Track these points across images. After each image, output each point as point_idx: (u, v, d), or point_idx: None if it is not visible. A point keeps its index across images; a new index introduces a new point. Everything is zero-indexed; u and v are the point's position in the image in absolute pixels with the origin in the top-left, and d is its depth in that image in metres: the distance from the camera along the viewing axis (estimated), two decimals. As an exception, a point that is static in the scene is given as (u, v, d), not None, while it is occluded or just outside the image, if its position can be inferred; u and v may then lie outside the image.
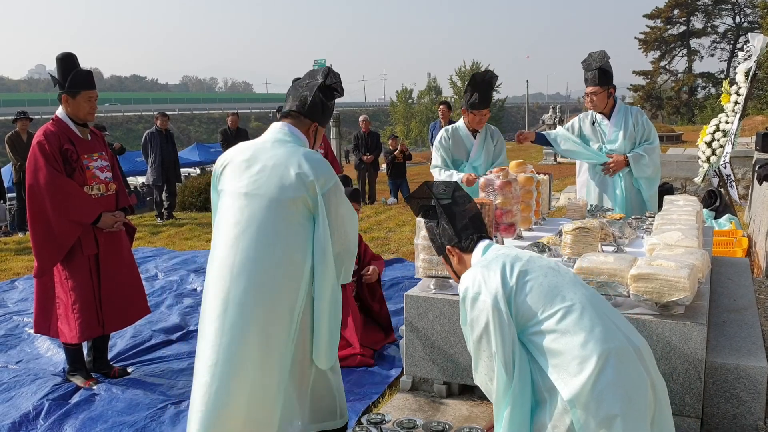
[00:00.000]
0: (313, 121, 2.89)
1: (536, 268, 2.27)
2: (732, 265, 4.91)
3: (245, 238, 2.72)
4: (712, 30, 45.94)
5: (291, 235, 2.71)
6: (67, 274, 4.11)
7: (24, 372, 4.48)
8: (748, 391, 3.14)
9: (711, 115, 16.34)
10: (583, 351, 2.10)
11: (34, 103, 52.87)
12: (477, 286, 2.27)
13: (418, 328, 3.76)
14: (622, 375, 2.10)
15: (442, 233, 2.58)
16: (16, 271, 7.65)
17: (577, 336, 2.13)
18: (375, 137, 13.03)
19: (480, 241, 2.52)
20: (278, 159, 2.74)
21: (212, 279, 2.80)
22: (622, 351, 2.13)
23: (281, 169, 2.71)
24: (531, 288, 2.21)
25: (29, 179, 4.03)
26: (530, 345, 2.22)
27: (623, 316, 2.37)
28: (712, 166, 7.97)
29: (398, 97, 60.34)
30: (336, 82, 2.91)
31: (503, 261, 2.28)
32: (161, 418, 3.80)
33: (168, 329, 5.31)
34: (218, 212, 2.90)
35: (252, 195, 2.73)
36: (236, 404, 2.72)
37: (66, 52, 4.15)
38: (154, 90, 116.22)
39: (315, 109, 2.88)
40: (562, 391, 2.12)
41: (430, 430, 3.05)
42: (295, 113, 2.88)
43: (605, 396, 2.07)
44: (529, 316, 2.21)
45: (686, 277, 3.05)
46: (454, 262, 2.58)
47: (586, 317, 2.15)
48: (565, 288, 2.22)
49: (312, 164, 2.72)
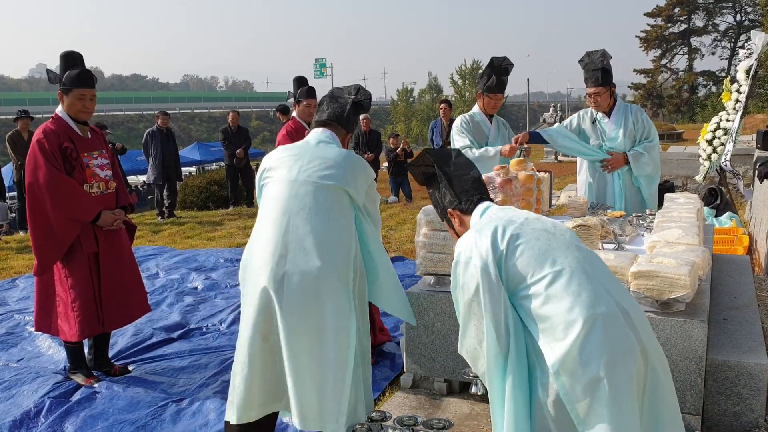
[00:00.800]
0: (347, 132, 3.18)
1: (529, 231, 2.26)
2: (733, 262, 4.91)
3: (297, 218, 2.82)
4: (713, 28, 45.93)
5: (339, 215, 2.87)
6: (67, 272, 4.11)
7: (25, 370, 4.49)
8: (748, 388, 3.14)
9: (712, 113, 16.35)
10: (569, 316, 2.08)
11: (35, 102, 52.86)
12: (469, 250, 2.27)
13: (418, 326, 3.76)
14: (608, 340, 2.07)
15: (443, 197, 2.62)
16: (17, 269, 7.66)
17: (563, 301, 2.11)
18: (376, 136, 13.03)
19: (480, 202, 2.53)
20: (326, 154, 2.96)
21: (259, 254, 2.84)
22: (610, 316, 2.10)
23: (329, 162, 2.92)
24: (522, 252, 2.19)
25: (29, 177, 4.03)
26: (520, 309, 2.21)
27: (617, 280, 2.33)
28: (713, 164, 7.97)
29: (399, 96, 60.34)
30: (365, 98, 3.17)
31: (495, 224, 2.28)
32: (162, 416, 3.81)
33: (169, 327, 5.32)
34: (265, 197, 2.98)
35: (301, 181, 2.88)
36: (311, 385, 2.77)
37: (71, 50, 4.17)
38: (155, 89, 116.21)
39: (349, 121, 3.16)
40: (547, 357, 2.11)
41: (431, 427, 3.05)
42: (333, 123, 3.12)
43: (590, 360, 2.05)
44: (519, 279, 2.19)
45: (687, 274, 3.05)
46: (455, 225, 2.61)
47: (575, 282, 2.13)
48: (557, 252, 2.20)
49: (356, 162, 2.99)
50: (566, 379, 2.08)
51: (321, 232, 2.80)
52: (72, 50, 4.17)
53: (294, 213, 2.83)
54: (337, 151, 3.00)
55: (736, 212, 8.66)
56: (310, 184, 2.87)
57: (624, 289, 2.32)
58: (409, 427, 3.07)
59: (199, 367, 4.54)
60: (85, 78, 4.11)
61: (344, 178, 2.91)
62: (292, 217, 2.82)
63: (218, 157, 25.13)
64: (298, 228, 2.80)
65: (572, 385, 2.08)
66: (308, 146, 3.04)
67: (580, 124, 5.18)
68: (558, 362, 2.09)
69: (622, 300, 2.20)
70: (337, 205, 2.88)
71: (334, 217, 2.85)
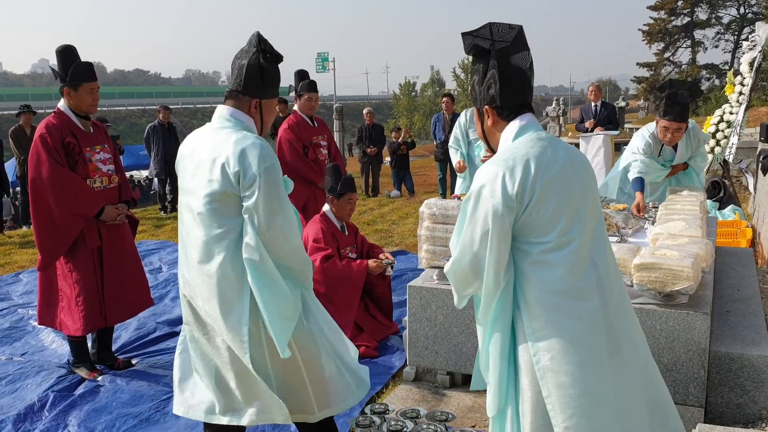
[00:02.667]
0: (253, 97, 2.64)
1: (557, 185, 2.14)
2: (736, 255, 4.90)
3: (186, 245, 2.66)
4: (716, 21, 45.70)
5: (222, 228, 2.55)
6: (71, 267, 4.12)
7: (29, 364, 4.50)
8: (752, 380, 3.14)
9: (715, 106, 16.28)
10: (560, 284, 2.11)
11: (37, 97, 52.81)
12: (491, 186, 2.13)
13: (421, 319, 3.76)
14: (579, 332, 2.11)
15: (486, 88, 2.30)
16: (20, 264, 7.68)
17: (552, 271, 2.12)
18: (379, 130, 13.01)
19: (520, 113, 2.28)
20: (210, 151, 2.57)
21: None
22: (593, 309, 2.13)
23: (209, 162, 2.54)
24: (541, 207, 2.11)
25: (32, 173, 4.02)
26: (515, 253, 2.19)
27: (614, 259, 2.31)
28: (716, 157, 7.95)
29: (401, 90, 60.22)
30: (266, 46, 2.64)
31: (530, 167, 2.12)
32: (165, 409, 3.82)
33: (172, 321, 5.32)
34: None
35: (191, 192, 2.62)
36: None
37: (65, 44, 4.13)
38: (158, 84, 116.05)
39: (251, 83, 2.63)
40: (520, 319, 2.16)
41: (433, 419, 3.06)
42: (234, 93, 2.65)
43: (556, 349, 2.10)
44: (526, 233, 2.15)
45: (690, 266, 3.04)
46: (487, 123, 2.34)
47: (572, 257, 2.13)
48: (573, 218, 2.15)
49: (238, 152, 2.49)
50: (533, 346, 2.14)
51: (206, 246, 2.58)
52: (67, 44, 4.13)
53: (188, 226, 2.65)
54: (222, 140, 2.56)
55: (739, 205, 8.63)
56: (194, 194, 2.60)
57: (618, 273, 2.30)
58: (411, 420, 3.08)
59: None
60: (91, 71, 4.12)
61: (221, 179, 2.51)
62: (188, 230, 2.65)
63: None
64: (191, 242, 2.64)
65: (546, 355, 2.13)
66: (204, 137, 2.68)
67: (644, 152, 4.93)
68: (533, 330, 2.14)
69: (609, 284, 2.19)
70: (220, 214, 2.55)
71: (217, 225, 2.56)
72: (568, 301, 2.11)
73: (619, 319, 2.20)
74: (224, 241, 2.54)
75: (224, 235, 2.54)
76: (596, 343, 2.12)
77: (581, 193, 2.19)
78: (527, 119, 2.26)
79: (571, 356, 2.09)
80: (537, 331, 2.13)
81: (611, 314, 2.16)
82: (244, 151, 2.48)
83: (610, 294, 2.18)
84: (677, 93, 4.55)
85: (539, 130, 2.26)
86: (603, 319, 2.14)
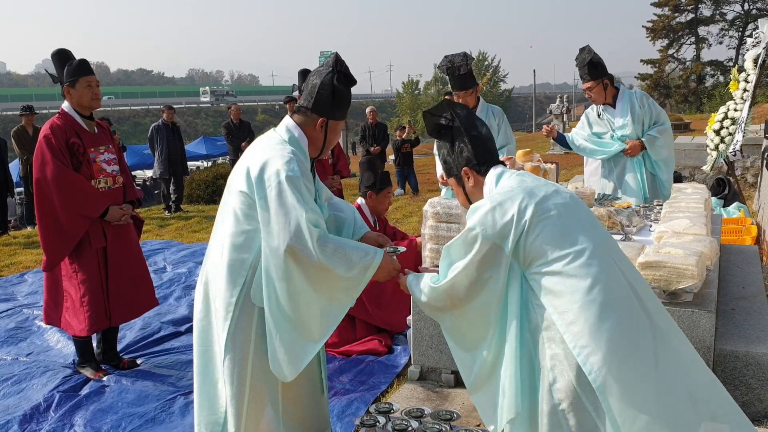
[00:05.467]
0: (320, 115, 2.65)
1: (551, 206, 2.22)
2: (741, 252, 4.89)
3: (215, 230, 2.71)
4: (720, 17, 45.53)
5: (239, 230, 2.56)
6: (76, 267, 4.13)
7: (34, 364, 4.51)
8: (757, 378, 3.14)
9: (719, 103, 16.24)
10: (587, 296, 2.11)
11: (41, 97, 52.99)
12: (484, 224, 2.23)
13: (425, 318, 3.76)
14: (622, 323, 2.11)
15: (459, 154, 2.48)
16: (25, 264, 7.70)
17: (582, 281, 2.13)
18: (382, 128, 13.01)
19: (495, 165, 2.46)
20: (248, 154, 2.63)
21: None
22: (625, 298, 2.14)
23: (242, 164, 2.61)
24: (543, 228, 2.18)
25: (36, 173, 4.04)
26: (533, 282, 2.22)
27: (628, 260, 2.34)
28: (720, 154, 7.92)
29: (404, 89, 60.21)
30: (342, 68, 2.68)
31: (519, 197, 2.23)
32: (171, 408, 3.83)
33: (176, 321, 5.34)
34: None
35: (228, 187, 2.67)
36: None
37: (59, 48, 4.18)
38: (161, 83, 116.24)
39: (322, 103, 2.64)
40: (564, 335, 2.14)
41: (438, 418, 3.06)
42: (303, 109, 2.68)
43: (607, 342, 2.09)
44: (538, 256, 2.19)
45: (694, 264, 3.04)
46: (468, 185, 2.48)
47: (595, 263, 2.15)
48: (577, 230, 2.20)
49: (251, 158, 2.56)
50: (583, 356, 2.11)
51: (221, 244, 2.62)
52: (61, 48, 4.18)
53: (216, 222, 2.71)
54: (263, 147, 2.59)
55: (744, 202, 8.61)
56: (228, 193, 2.65)
57: (636, 272, 2.34)
58: (416, 419, 3.07)
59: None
60: (85, 66, 4.13)
61: (245, 181, 2.53)
62: (216, 226, 2.71)
63: (224, 151, 25.17)
64: (213, 239, 2.70)
65: (590, 362, 2.11)
66: (256, 142, 2.72)
67: (589, 120, 5.21)
68: (574, 340, 2.12)
69: (635, 281, 2.23)
70: (241, 215, 2.55)
71: (236, 227, 2.56)
72: (605, 301, 2.12)
73: (660, 315, 2.23)
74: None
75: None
76: (642, 338, 2.13)
77: (578, 210, 2.28)
78: (501, 167, 2.45)
79: (620, 352, 2.10)
80: (575, 334, 2.13)
81: (651, 314, 2.19)
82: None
83: (643, 293, 2.22)
84: (581, 57, 4.93)
85: (514, 173, 2.41)
86: (646, 319, 2.16)
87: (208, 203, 12.40)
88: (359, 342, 4.51)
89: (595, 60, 4.89)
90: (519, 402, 2.23)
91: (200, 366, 2.70)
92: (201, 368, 2.70)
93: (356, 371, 4.20)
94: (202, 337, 2.70)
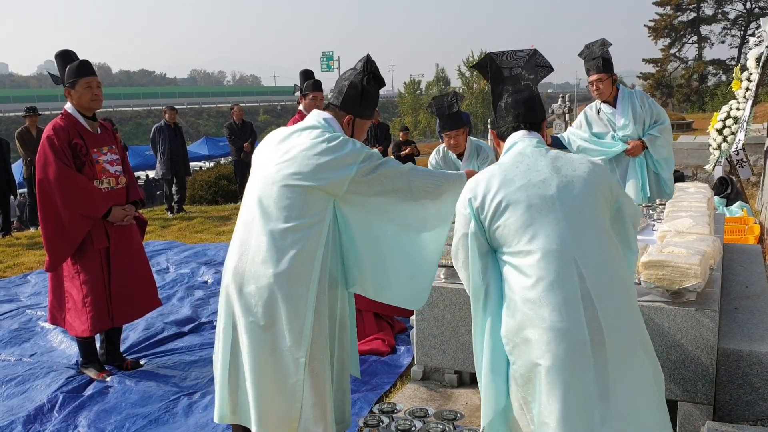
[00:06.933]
0: (347, 113, 2.77)
1: (523, 197, 2.23)
2: (744, 252, 4.88)
3: (260, 221, 2.63)
4: (722, 16, 45.47)
5: (304, 222, 2.59)
6: (79, 268, 4.13)
7: (38, 365, 4.52)
8: (761, 377, 3.13)
9: (722, 102, 16.24)
10: (529, 293, 2.16)
11: (43, 98, 52.90)
12: (466, 195, 2.34)
13: (428, 318, 3.76)
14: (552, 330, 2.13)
15: (493, 111, 2.56)
16: (28, 265, 7.71)
17: (527, 279, 2.18)
18: (384, 129, 13.02)
19: (515, 131, 2.45)
20: (298, 147, 2.64)
21: (228, 261, 2.76)
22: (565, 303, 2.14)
23: (298, 156, 2.62)
24: (506, 219, 2.23)
25: (39, 174, 4.04)
26: (501, 264, 2.31)
27: (608, 263, 2.23)
28: (723, 153, 7.92)
29: (406, 89, 60.18)
30: (372, 68, 2.80)
31: (497, 180, 2.29)
32: (174, 409, 3.83)
33: (180, 321, 5.34)
34: (245, 192, 2.82)
35: (270, 181, 2.64)
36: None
37: (63, 49, 4.18)
38: (163, 84, 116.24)
39: (350, 101, 2.76)
40: (503, 324, 2.25)
41: (441, 418, 3.06)
42: (332, 106, 2.80)
43: (531, 344, 2.15)
44: (500, 243, 2.27)
45: (697, 263, 3.04)
46: (494, 141, 2.59)
47: (543, 264, 2.16)
48: (541, 226, 2.20)
49: (326, 151, 2.60)
50: (510, 348, 2.24)
51: (278, 236, 2.58)
52: (65, 49, 4.19)
53: (258, 216, 2.64)
54: (313, 141, 2.64)
55: (747, 202, 8.61)
56: (276, 185, 2.62)
57: (610, 273, 2.23)
58: (419, 419, 3.07)
59: (210, 361, 4.51)
60: (85, 67, 4.13)
61: (311, 173, 2.58)
62: (256, 220, 2.64)
63: (227, 152, 25.20)
64: (259, 231, 2.62)
65: (515, 360, 2.23)
66: (290, 133, 2.74)
67: (588, 120, 5.18)
68: (506, 334, 2.24)
69: (596, 287, 2.16)
70: (300, 206, 2.59)
71: (297, 219, 2.58)
72: (538, 309, 2.14)
73: (618, 325, 2.16)
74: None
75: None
76: (574, 353, 2.12)
77: (561, 205, 2.22)
78: (518, 137, 2.43)
79: (537, 365, 2.15)
80: (509, 332, 2.23)
81: (601, 332, 2.13)
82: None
83: (603, 307, 2.15)
84: (591, 50, 4.88)
85: (531, 144, 2.39)
86: (590, 347, 2.11)
87: (211, 204, 12.42)
88: (363, 342, 4.51)
89: (607, 55, 4.88)
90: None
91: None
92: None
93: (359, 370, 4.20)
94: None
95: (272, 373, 2.63)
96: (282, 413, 2.65)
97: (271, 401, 2.65)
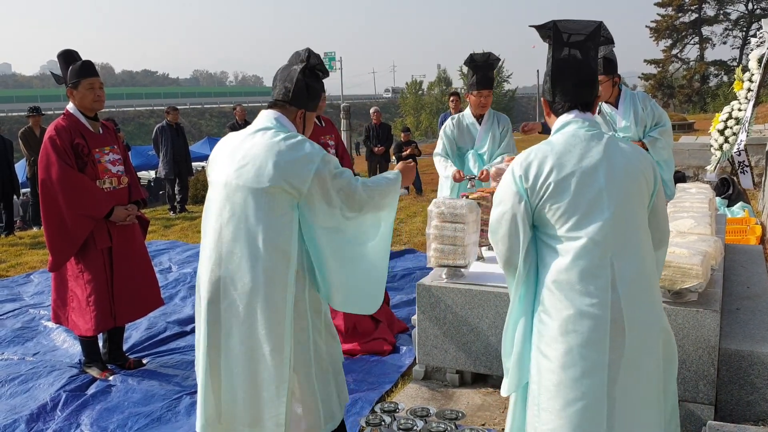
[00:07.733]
0: (299, 108, 2.76)
1: (574, 183, 2.21)
2: (745, 252, 4.89)
3: (228, 227, 2.63)
4: (724, 17, 45.45)
5: (273, 223, 2.58)
6: (81, 268, 4.15)
7: (41, 364, 4.54)
8: (762, 377, 3.14)
9: (723, 103, 16.23)
10: (563, 276, 2.21)
11: (46, 98, 52.97)
12: (514, 173, 2.30)
13: (430, 318, 3.77)
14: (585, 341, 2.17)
15: (545, 79, 2.44)
16: (31, 264, 7.73)
17: (564, 262, 2.21)
18: (386, 129, 13.04)
19: (570, 110, 2.37)
20: (259, 149, 2.61)
21: (202, 270, 2.75)
22: (597, 316, 2.17)
23: (260, 159, 2.58)
24: (556, 201, 2.22)
25: (42, 174, 4.06)
26: (538, 241, 2.32)
27: (643, 260, 2.26)
28: (724, 153, 7.91)
29: (408, 89, 60.21)
30: (318, 63, 2.78)
31: (550, 163, 2.24)
32: (177, 408, 3.85)
33: (182, 321, 5.35)
34: (206, 199, 2.80)
35: (234, 186, 2.63)
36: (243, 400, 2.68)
37: (66, 49, 4.19)
38: (165, 84, 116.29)
39: (300, 95, 2.74)
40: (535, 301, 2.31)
41: (443, 418, 3.07)
42: (281, 102, 2.75)
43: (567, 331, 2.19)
44: (544, 223, 2.27)
45: (699, 264, 3.04)
46: (545, 111, 2.49)
47: (587, 255, 2.18)
48: (589, 214, 2.20)
49: (288, 152, 2.58)
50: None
51: (251, 241, 2.57)
52: (68, 49, 4.21)
53: (225, 222, 2.63)
54: (270, 142, 2.60)
55: (748, 202, 8.61)
56: (239, 190, 2.59)
57: (635, 262, 2.25)
58: (421, 418, 3.08)
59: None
60: (88, 67, 4.14)
61: (272, 175, 2.54)
62: (224, 226, 2.63)
63: (228, 151, 25.18)
64: (230, 239, 2.61)
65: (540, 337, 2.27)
66: (244, 137, 2.70)
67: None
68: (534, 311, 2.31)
69: (621, 276, 2.20)
70: (270, 208, 2.57)
71: (266, 221, 2.57)
72: (568, 293, 2.19)
73: (634, 334, 2.20)
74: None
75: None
76: (596, 342, 2.18)
77: (608, 195, 2.21)
78: (573, 115, 2.35)
79: (560, 345, 2.20)
80: (541, 313, 2.28)
81: (624, 326, 2.18)
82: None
83: (627, 295, 2.18)
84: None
85: (585, 127, 2.32)
86: (610, 326, 2.16)
87: (213, 204, 12.41)
88: (364, 342, 4.52)
89: (610, 55, 4.88)
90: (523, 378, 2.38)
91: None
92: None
93: (361, 371, 4.22)
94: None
95: (256, 378, 2.63)
96: (270, 415, 2.64)
97: (257, 404, 2.65)
